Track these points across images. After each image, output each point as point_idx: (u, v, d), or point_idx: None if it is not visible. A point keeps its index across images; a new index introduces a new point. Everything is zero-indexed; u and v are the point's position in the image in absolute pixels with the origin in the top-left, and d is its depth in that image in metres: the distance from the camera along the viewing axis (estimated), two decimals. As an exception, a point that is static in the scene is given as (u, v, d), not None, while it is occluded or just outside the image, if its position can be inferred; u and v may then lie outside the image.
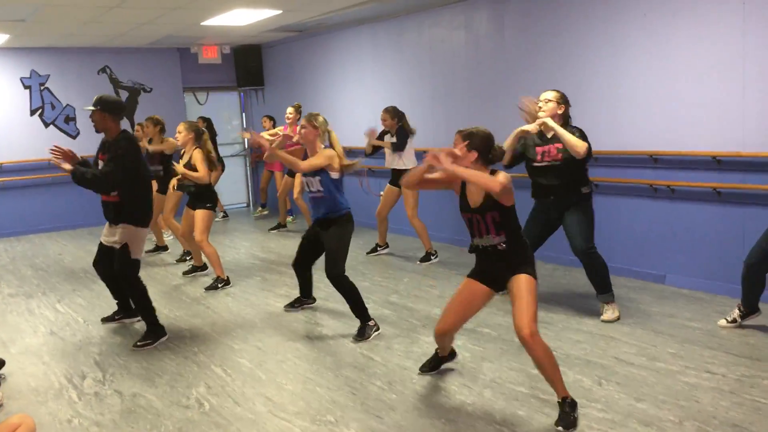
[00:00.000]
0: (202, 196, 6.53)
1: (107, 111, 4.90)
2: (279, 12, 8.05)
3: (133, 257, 5.02)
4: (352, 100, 9.57)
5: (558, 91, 5.08)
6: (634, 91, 6.01)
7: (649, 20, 5.81)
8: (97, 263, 5.36)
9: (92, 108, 4.91)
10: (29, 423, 2.97)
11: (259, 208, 11.09)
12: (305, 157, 5.10)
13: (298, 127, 5.35)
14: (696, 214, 5.72)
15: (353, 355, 4.63)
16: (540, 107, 5.05)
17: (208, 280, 6.76)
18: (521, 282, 3.54)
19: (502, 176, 3.46)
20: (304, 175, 5.09)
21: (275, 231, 9.55)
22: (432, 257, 7.21)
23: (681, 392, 3.80)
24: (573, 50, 6.47)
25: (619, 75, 6.10)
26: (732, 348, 4.41)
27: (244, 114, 12.40)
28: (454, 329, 3.94)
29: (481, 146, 3.57)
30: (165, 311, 5.85)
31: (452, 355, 4.28)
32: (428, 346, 4.64)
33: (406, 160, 7.10)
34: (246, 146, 12.39)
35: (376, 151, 7.26)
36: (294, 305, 5.72)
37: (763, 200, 5.27)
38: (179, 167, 6.47)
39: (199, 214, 6.48)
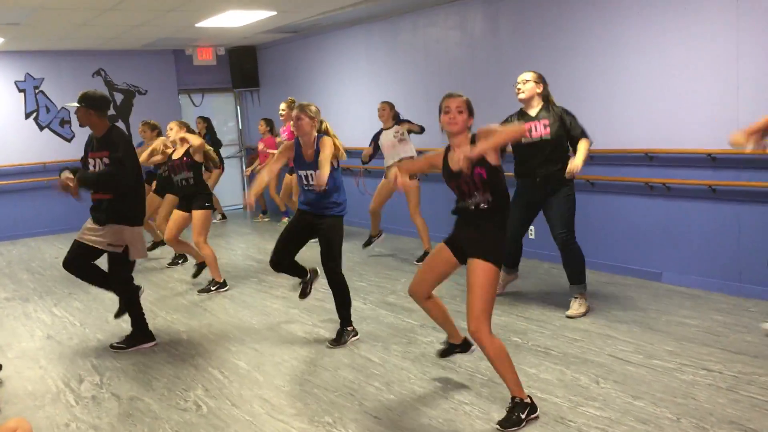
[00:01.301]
0: (200, 196, 6.41)
1: (91, 107, 4.78)
2: (273, 13, 8.05)
3: (132, 258, 4.92)
4: (348, 101, 9.57)
5: (535, 72, 5.14)
6: (629, 90, 6.02)
7: (644, 18, 5.82)
8: (69, 263, 4.93)
9: (76, 105, 4.86)
10: (26, 427, 2.96)
11: (260, 215, 10.86)
12: (297, 152, 4.86)
13: (291, 123, 5.18)
14: (691, 211, 5.73)
15: (351, 356, 4.63)
16: (519, 89, 5.11)
17: (205, 283, 6.76)
18: (478, 270, 3.45)
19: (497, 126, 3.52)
20: (302, 168, 4.83)
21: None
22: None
23: (678, 389, 3.81)
24: (567, 49, 6.48)
25: (614, 73, 6.12)
26: (729, 345, 4.42)
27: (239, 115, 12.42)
28: (422, 290, 3.85)
29: (473, 110, 3.70)
30: (162, 314, 5.85)
31: (466, 344, 4.09)
32: (426, 346, 4.65)
33: (407, 150, 7.10)
34: (242, 148, 12.38)
35: (371, 159, 7.30)
36: (305, 291, 5.30)
37: (757, 197, 5.28)
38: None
39: (197, 215, 6.36)
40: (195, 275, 6.88)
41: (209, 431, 3.65)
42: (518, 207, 5.23)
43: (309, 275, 5.26)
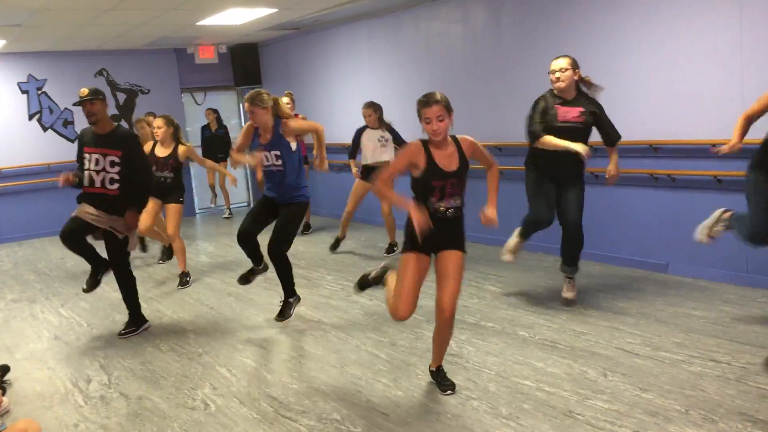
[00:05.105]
0: (177, 189, 6.65)
1: (104, 100, 5.10)
2: (274, 10, 8.04)
3: (129, 249, 5.26)
4: (350, 97, 9.54)
5: (568, 57, 5.06)
6: (632, 82, 5.99)
7: (646, 10, 5.79)
8: (67, 236, 5.10)
9: (93, 98, 4.98)
10: (35, 428, 2.98)
11: None
12: (255, 136, 5.13)
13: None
14: (697, 202, 5.70)
15: (357, 353, 4.63)
16: (558, 78, 4.99)
17: (214, 281, 6.76)
18: (454, 260, 3.71)
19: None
20: (264, 147, 5.08)
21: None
22: (395, 249, 7.50)
23: (686, 381, 3.80)
24: (570, 42, 6.44)
25: (617, 65, 6.09)
26: (737, 336, 4.41)
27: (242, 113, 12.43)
28: (413, 305, 3.75)
29: (451, 108, 3.76)
30: (168, 312, 5.86)
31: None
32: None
33: (387, 156, 7.25)
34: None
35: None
36: (248, 278, 5.49)
37: (764, 187, 5.25)
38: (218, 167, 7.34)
39: (173, 208, 6.63)
40: (162, 260, 7.53)
41: (218, 430, 3.66)
42: (545, 193, 5.18)
43: (262, 266, 5.51)
